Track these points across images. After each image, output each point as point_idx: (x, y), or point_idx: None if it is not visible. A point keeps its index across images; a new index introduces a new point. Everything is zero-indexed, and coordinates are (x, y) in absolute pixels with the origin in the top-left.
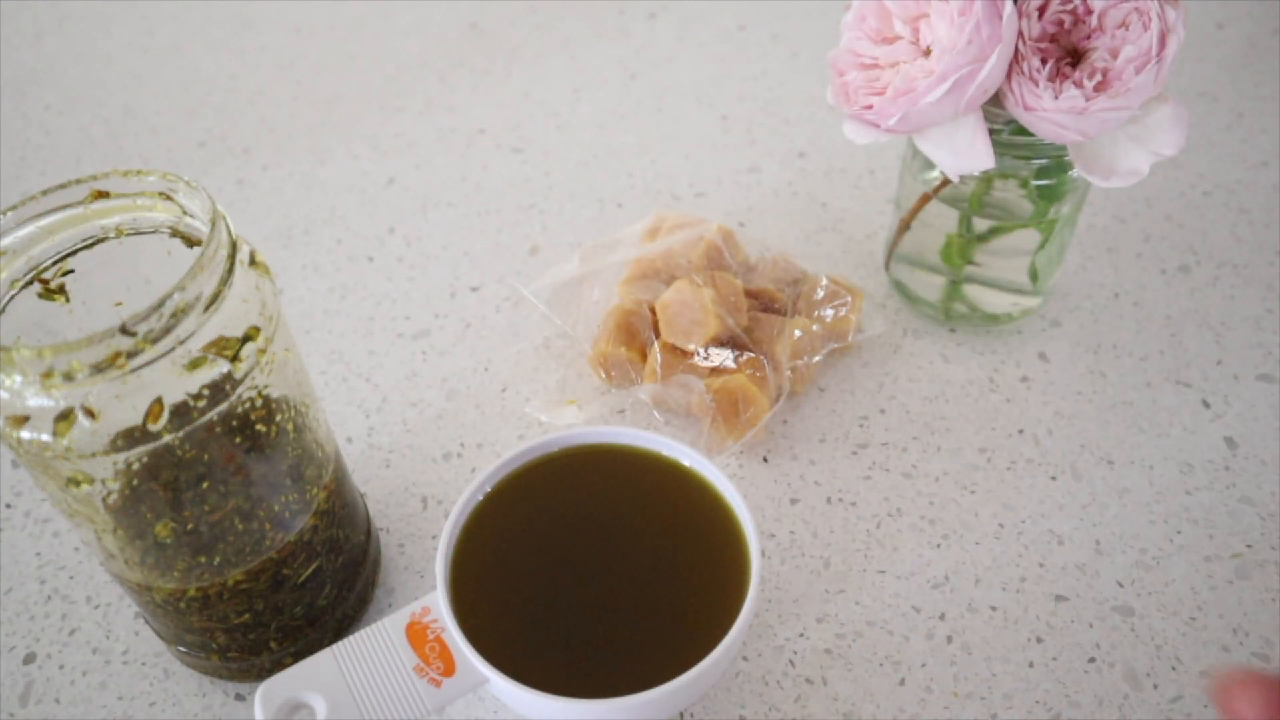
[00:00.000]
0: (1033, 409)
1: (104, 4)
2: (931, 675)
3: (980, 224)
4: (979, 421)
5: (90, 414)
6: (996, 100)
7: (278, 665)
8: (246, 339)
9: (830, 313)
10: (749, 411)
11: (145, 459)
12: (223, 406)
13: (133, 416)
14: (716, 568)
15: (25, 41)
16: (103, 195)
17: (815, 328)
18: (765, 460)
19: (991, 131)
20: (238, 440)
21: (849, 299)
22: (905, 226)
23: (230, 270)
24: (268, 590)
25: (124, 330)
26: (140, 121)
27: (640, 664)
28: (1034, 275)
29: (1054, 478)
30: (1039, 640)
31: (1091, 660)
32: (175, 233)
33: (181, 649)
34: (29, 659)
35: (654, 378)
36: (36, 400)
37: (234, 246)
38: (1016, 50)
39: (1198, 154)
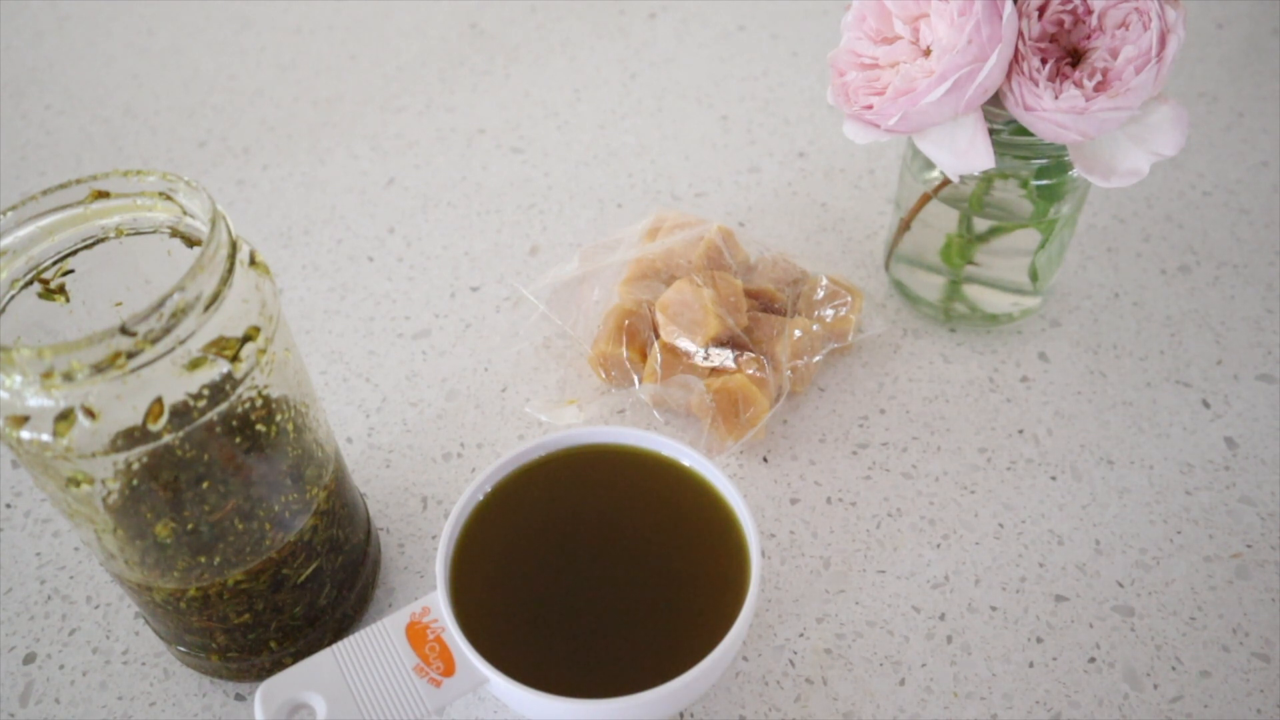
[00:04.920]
0: (1033, 409)
1: (104, 4)
2: (931, 675)
3: (980, 224)
4: (979, 421)
5: (90, 414)
6: (996, 100)
7: (278, 665)
8: (246, 339)
9: (830, 313)
10: (749, 411)
11: (145, 459)
12: (223, 406)
13: (133, 416)
14: (716, 568)
15: (25, 41)
16: (103, 195)
17: (815, 328)
18: (765, 460)
19: (991, 131)
20: (238, 440)
21: (849, 299)
22: (905, 226)
23: (230, 270)
24: (268, 590)
25: (124, 330)
26: (140, 121)
27: (640, 664)
28: (1034, 275)
29: (1054, 478)
30: (1039, 640)
31: (1091, 660)
32: (175, 233)
33: (181, 649)
34: (29, 659)
35: (654, 378)
36: (36, 400)
37: (234, 246)
38: (1016, 50)
39: (1198, 154)
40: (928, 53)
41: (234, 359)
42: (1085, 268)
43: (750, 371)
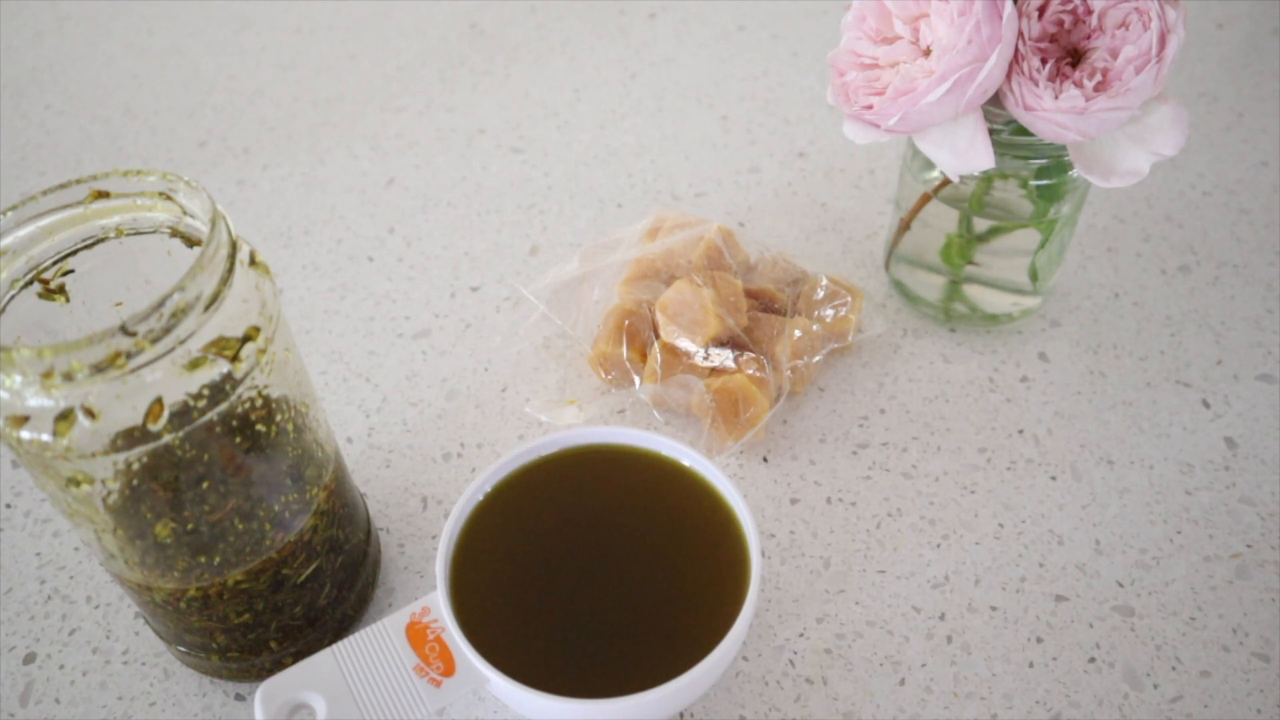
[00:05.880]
0: (1033, 409)
1: (104, 4)
2: (931, 675)
3: (980, 224)
4: (979, 421)
5: (90, 414)
6: (996, 100)
7: (278, 665)
8: (246, 339)
9: (830, 313)
10: (749, 411)
11: (145, 459)
12: (223, 406)
13: (133, 416)
14: (716, 568)
15: (25, 41)
16: (103, 195)
17: (815, 328)
18: (765, 460)
19: (991, 131)
20: (238, 440)
21: (849, 299)
22: (905, 226)
23: (230, 270)
24: (268, 590)
25: (124, 330)
26: (140, 121)
27: (640, 664)
28: (1034, 275)
29: (1054, 478)
30: (1039, 640)
31: (1091, 660)
32: (175, 233)
33: (181, 649)
34: (29, 659)
35: (654, 378)
36: (36, 400)
37: (234, 246)
38: (1016, 50)
39: (1198, 154)
40: (928, 53)
41: (234, 359)
42: (1085, 268)
43: (750, 371)
